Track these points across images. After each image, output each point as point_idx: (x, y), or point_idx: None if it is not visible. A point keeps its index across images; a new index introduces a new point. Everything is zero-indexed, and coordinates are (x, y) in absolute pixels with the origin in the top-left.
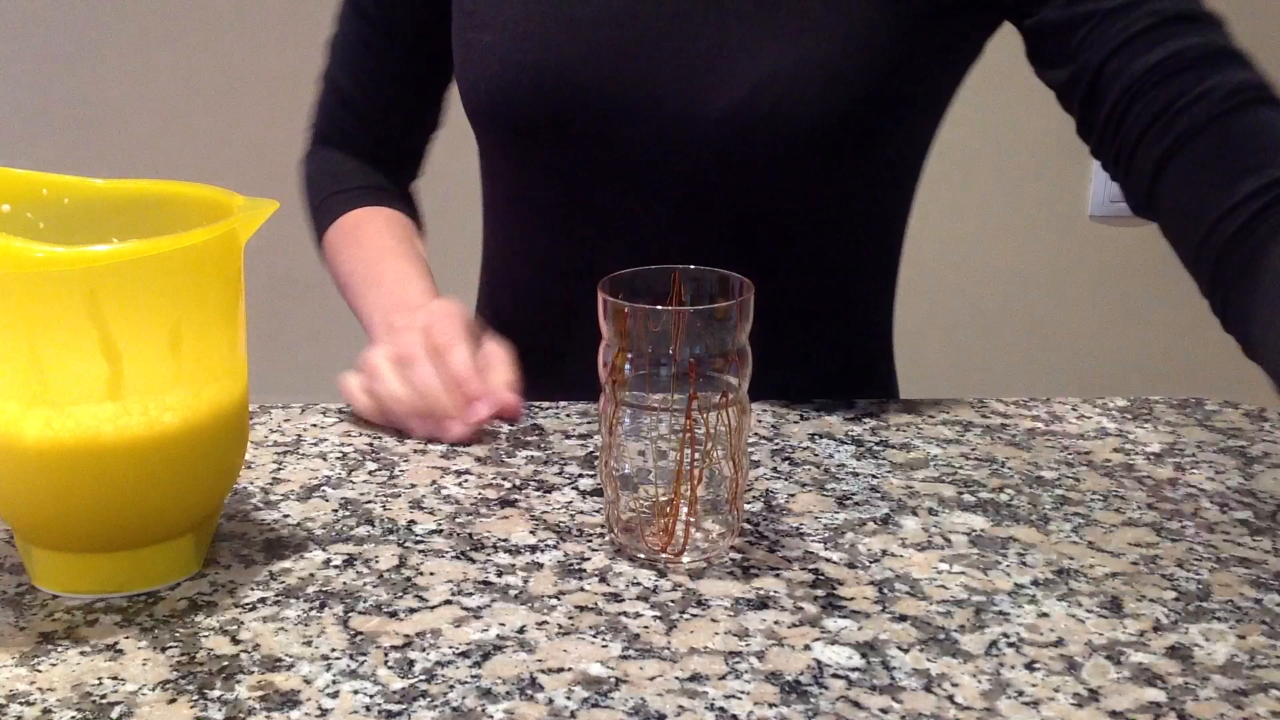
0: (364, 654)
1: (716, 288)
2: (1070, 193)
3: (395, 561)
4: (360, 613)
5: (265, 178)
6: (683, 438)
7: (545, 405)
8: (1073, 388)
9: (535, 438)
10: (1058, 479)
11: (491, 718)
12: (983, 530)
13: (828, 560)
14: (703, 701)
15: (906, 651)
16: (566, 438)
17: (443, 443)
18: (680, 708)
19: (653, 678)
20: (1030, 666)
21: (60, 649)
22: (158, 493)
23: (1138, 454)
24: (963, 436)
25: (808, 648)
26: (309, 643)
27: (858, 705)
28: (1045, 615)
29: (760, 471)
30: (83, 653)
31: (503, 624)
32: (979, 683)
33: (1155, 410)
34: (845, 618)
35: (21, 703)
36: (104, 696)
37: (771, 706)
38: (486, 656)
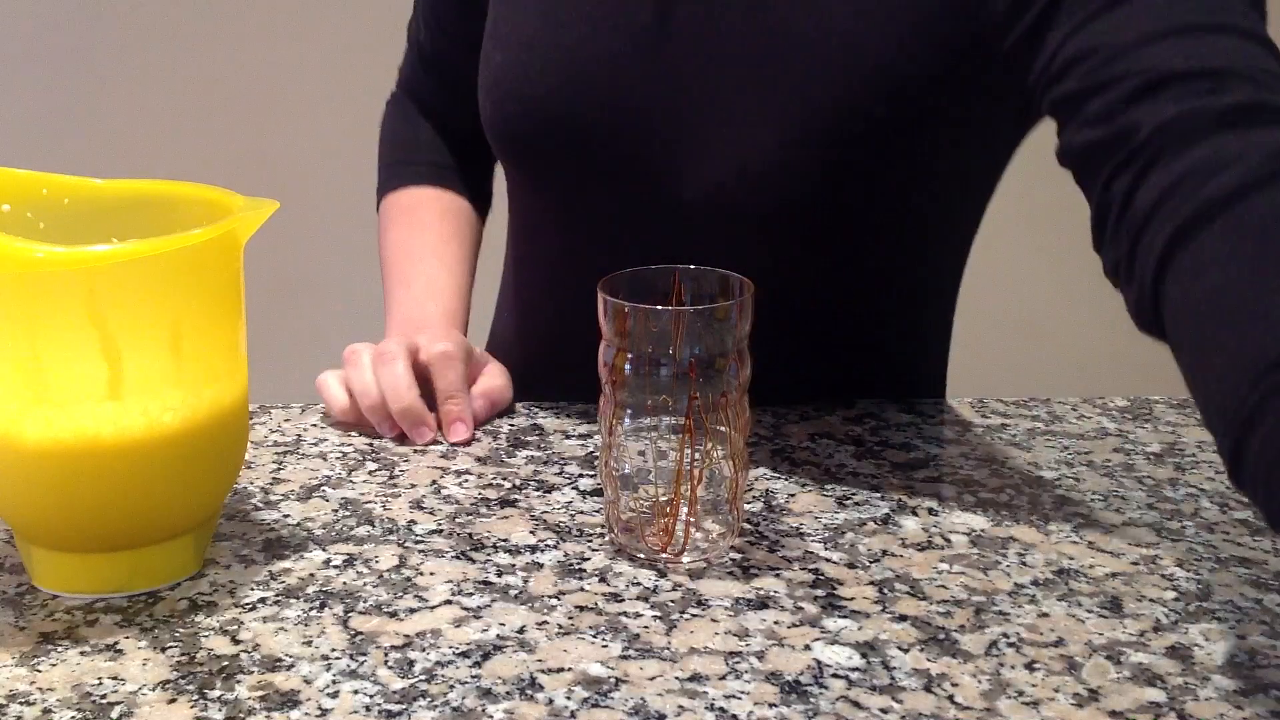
0: (364, 654)
1: (716, 288)
2: (1071, 193)
3: (395, 561)
4: (360, 613)
5: (265, 178)
6: (683, 438)
7: (545, 405)
8: (1073, 388)
9: (535, 438)
10: (1058, 479)
11: (491, 718)
12: (983, 530)
13: (828, 560)
14: (703, 701)
15: (906, 651)
16: (566, 438)
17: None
18: (680, 708)
19: (653, 678)
20: (1030, 666)
21: (60, 649)
22: (158, 493)
23: (1138, 454)
24: (963, 436)
25: (808, 648)
26: (309, 643)
27: (858, 705)
28: (1045, 615)
29: (760, 471)
30: (83, 653)
31: (503, 624)
32: (979, 683)
33: (1155, 410)
34: (845, 618)
35: (21, 703)
36: (104, 696)
37: (771, 706)
38: (486, 656)
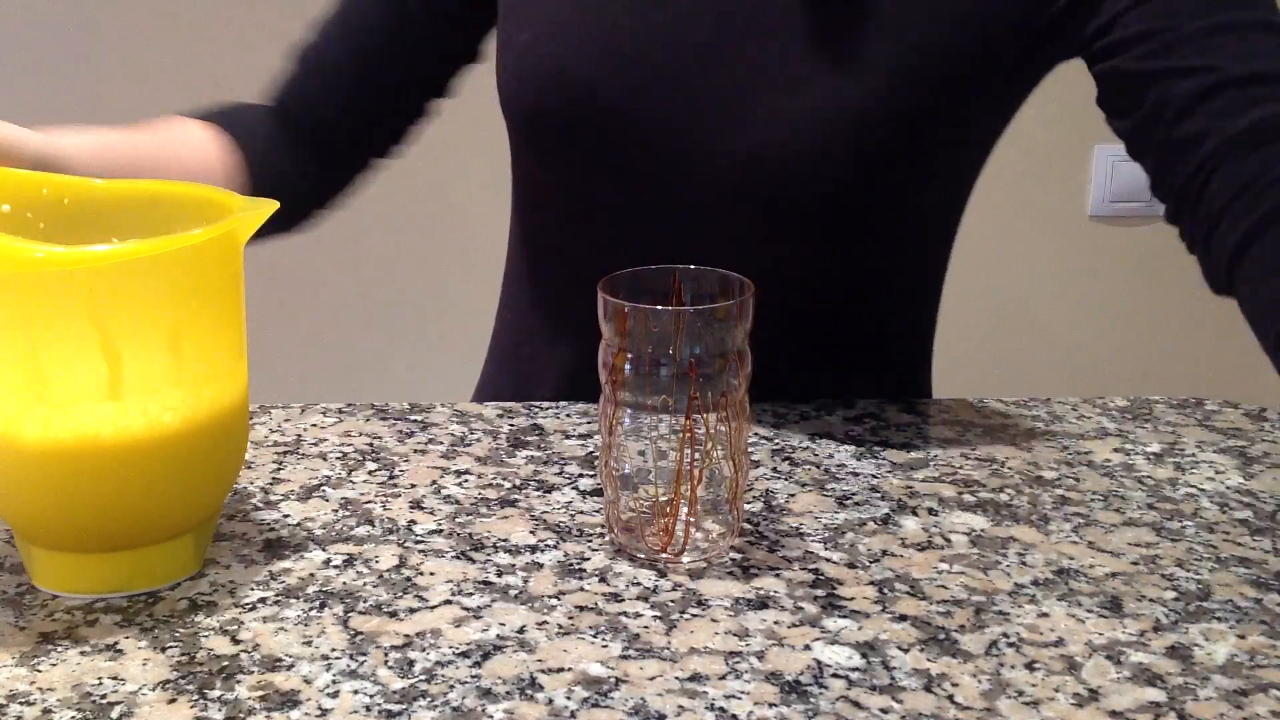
0: (364, 654)
1: (716, 288)
2: (1070, 193)
3: (395, 561)
4: (360, 613)
5: None
6: (683, 438)
7: (545, 405)
8: (1073, 388)
9: (535, 438)
10: (1058, 479)
11: (491, 718)
12: (983, 530)
13: (828, 560)
14: (703, 701)
15: (906, 651)
16: (566, 438)
17: None
18: (680, 708)
19: (653, 678)
20: (1030, 666)
21: (60, 649)
22: (158, 493)
23: (1138, 454)
24: (963, 436)
25: (808, 648)
26: (309, 643)
27: (858, 705)
28: (1045, 615)
29: (760, 471)
30: (83, 653)
31: (503, 624)
32: (979, 683)
33: (1155, 410)
34: (845, 618)
35: (21, 703)
36: (104, 696)
37: (771, 706)
38: (486, 656)
